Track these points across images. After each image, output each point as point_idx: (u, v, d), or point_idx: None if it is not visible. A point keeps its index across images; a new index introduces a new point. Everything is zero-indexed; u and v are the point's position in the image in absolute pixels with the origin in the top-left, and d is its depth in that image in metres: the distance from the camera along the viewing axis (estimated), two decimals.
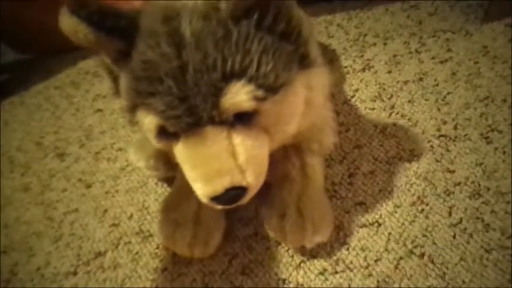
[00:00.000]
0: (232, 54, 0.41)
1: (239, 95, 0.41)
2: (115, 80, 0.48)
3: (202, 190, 0.43)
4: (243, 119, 0.43)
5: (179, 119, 0.42)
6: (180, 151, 0.45)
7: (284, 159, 0.59)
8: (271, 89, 0.42)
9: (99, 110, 0.91)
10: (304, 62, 0.46)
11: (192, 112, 0.41)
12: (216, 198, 0.43)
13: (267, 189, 0.60)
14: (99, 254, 0.65)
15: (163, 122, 0.43)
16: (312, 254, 0.58)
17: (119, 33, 0.43)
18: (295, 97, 0.46)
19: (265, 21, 0.42)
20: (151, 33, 0.42)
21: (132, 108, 0.45)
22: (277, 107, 0.44)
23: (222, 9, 0.41)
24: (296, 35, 0.45)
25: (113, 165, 0.78)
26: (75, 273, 0.63)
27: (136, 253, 0.64)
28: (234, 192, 0.43)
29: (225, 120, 0.42)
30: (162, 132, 0.44)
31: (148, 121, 0.44)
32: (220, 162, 0.42)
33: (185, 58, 0.40)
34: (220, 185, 0.42)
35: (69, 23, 0.41)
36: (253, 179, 0.44)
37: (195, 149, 0.43)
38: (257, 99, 0.42)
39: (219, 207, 0.45)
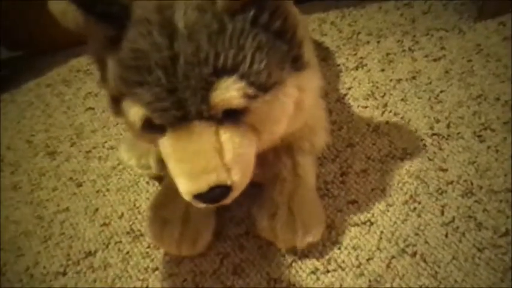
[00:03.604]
0: (226, 49, 0.40)
1: (230, 91, 0.40)
2: (103, 67, 0.47)
3: (185, 186, 0.42)
4: (231, 116, 0.42)
5: (166, 111, 0.41)
6: (166, 145, 0.44)
7: (275, 158, 0.59)
8: (262, 87, 0.42)
9: (91, 108, 0.90)
10: (297, 63, 0.46)
11: (180, 105, 0.40)
12: (199, 196, 0.42)
13: (258, 189, 0.60)
14: (89, 254, 0.64)
15: (149, 114, 0.42)
16: (303, 253, 0.57)
17: (109, 19, 0.42)
18: (285, 97, 0.45)
19: (261, 18, 0.42)
20: (143, 22, 0.41)
21: (118, 98, 0.44)
22: (267, 106, 0.43)
23: (218, 2, 0.40)
24: (291, 35, 0.44)
25: (104, 164, 0.77)
26: (64, 273, 0.63)
27: (127, 253, 0.63)
28: (218, 191, 0.42)
29: (214, 116, 0.42)
30: (148, 125, 0.43)
31: (134, 112, 0.42)
32: (206, 159, 0.42)
33: (177, 49, 0.39)
34: (205, 182, 0.41)
35: (58, 4, 0.40)
36: (238, 178, 0.43)
37: (181, 144, 0.42)
38: (248, 96, 0.41)
39: (202, 205, 0.44)
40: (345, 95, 0.77)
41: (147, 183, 0.71)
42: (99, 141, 0.82)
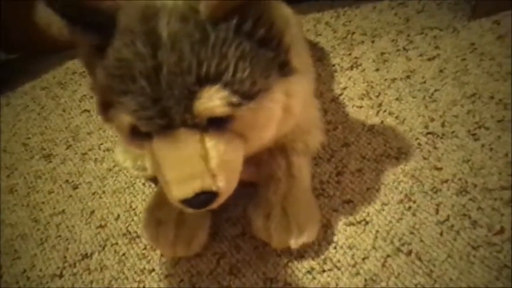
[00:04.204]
0: (208, 58, 0.40)
1: (213, 100, 0.40)
2: (92, 74, 0.47)
3: (172, 192, 0.43)
4: (216, 124, 0.42)
5: (151, 120, 0.41)
6: (152, 151, 0.44)
7: (270, 159, 0.59)
8: (246, 95, 0.42)
9: (86, 111, 0.90)
10: (284, 69, 0.46)
11: (165, 114, 0.41)
12: (185, 201, 0.43)
13: (254, 189, 0.60)
14: (85, 256, 0.64)
15: (135, 122, 0.42)
16: (299, 253, 0.57)
17: (95, 28, 0.42)
18: (272, 104, 0.45)
19: (244, 26, 0.42)
20: (127, 31, 0.41)
21: (106, 105, 0.44)
22: (252, 113, 0.43)
23: (201, 11, 0.40)
24: (277, 41, 0.44)
25: (100, 166, 0.77)
26: (61, 276, 0.63)
27: (123, 254, 0.63)
28: (204, 197, 0.43)
29: (198, 124, 0.42)
30: (135, 132, 0.43)
31: (121, 119, 0.43)
32: (192, 166, 0.42)
33: (160, 59, 0.40)
34: (191, 188, 0.42)
35: (43, 15, 0.40)
36: (224, 184, 0.43)
37: (167, 151, 0.43)
38: (232, 105, 0.41)
39: (190, 210, 0.45)
40: (340, 94, 0.77)
41: (143, 184, 0.72)
42: (95, 144, 0.82)
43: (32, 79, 1.04)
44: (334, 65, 0.83)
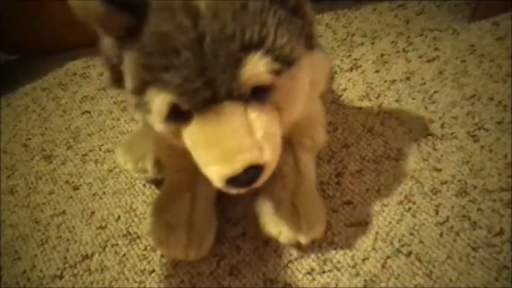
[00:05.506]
0: (250, 25, 0.40)
1: (258, 67, 0.40)
2: (113, 68, 0.47)
3: (219, 172, 0.42)
4: (258, 95, 0.42)
5: (196, 93, 0.40)
6: (193, 132, 0.43)
7: None
8: (286, 61, 0.42)
9: (87, 112, 0.90)
10: (308, 42, 0.47)
11: (210, 85, 0.40)
12: (233, 180, 0.42)
13: (253, 189, 0.60)
14: (86, 257, 0.64)
15: (177, 99, 0.41)
16: (299, 253, 0.58)
17: (129, 8, 0.41)
18: (303, 74, 0.46)
19: None
20: (164, 7, 0.41)
21: (141, 89, 0.43)
22: (290, 83, 0.44)
23: None
24: (303, 12, 0.45)
25: (100, 167, 0.77)
26: (61, 277, 0.63)
27: (124, 255, 0.63)
28: (252, 172, 0.42)
29: (242, 95, 0.42)
30: (173, 113, 0.43)
31: (160, 100, 0.42)
32: (238, 139, 0.41)
33: (202, 29, 0.39)
34: (240, 163, 0.41)
35: None
36: (270, 157, 0.43)
37: (211, 127, 0.42)
38: (273, 72, 0.41)
39: (234, 191, 0.44)
40: (340, 96, 0.78)
41: (144, 185, 0.72)
42: (96, 145, 0.82)
43: (32, 80, 1.03)
44: (334, 67, 0.83)
